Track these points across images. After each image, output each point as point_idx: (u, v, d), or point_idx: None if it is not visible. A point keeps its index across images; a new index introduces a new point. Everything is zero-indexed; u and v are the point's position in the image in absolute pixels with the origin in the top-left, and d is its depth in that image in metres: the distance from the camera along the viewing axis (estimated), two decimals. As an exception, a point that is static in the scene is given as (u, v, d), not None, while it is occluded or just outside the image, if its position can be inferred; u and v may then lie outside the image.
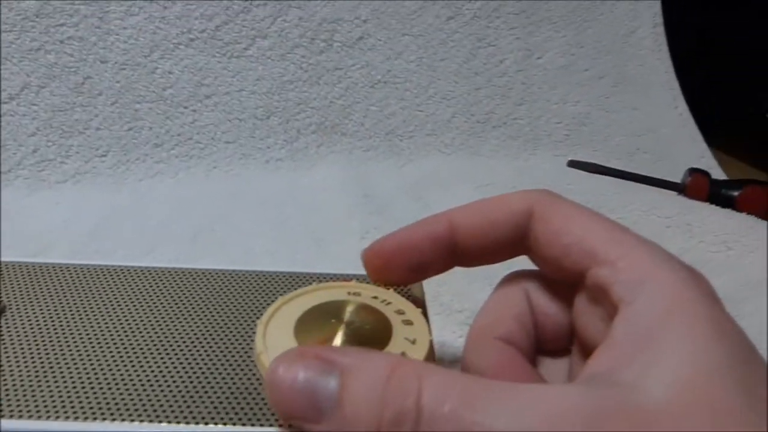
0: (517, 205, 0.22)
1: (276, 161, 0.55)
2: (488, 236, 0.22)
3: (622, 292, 0.18)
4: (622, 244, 0.19)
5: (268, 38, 0.55)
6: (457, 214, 0.22)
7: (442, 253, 0.23)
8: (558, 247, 0.20)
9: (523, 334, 0.22)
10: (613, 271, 0.18)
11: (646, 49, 0.65)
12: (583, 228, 0.20)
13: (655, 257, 0.18)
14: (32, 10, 0.49)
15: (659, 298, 0.17)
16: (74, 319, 0.25)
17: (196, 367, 0.22)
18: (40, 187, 0.48)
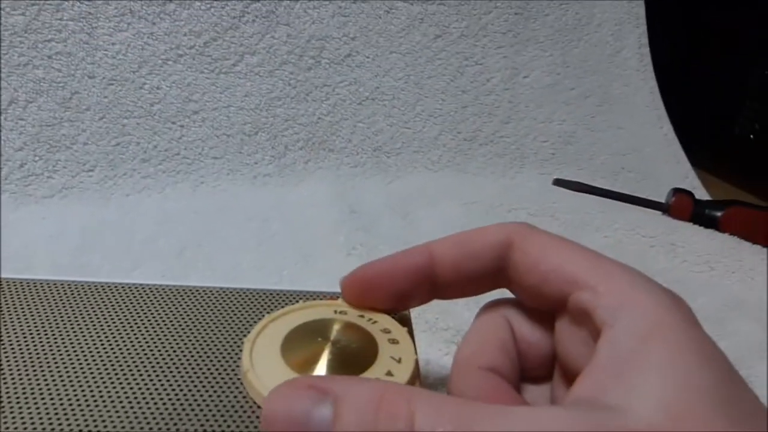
0: (494, 237, 0.22)
1: (263, 177, 0.55)
2: (467, 268, 0.22)
3: (604, 315, 0.18)
4: (600, 270, 0.19)
5: (257, 55, 0.55)
6: (437, 246, 0.23)
7: (422, 284, 0.23)
8: (537, 274, 0.21)
9: (508, 363, 0.22)
10: (594, 295, 0.19)
11: (631, 69, 0.66)
12: (560, 256, 0.20)
13: (634, 281, 0.19)
14: (20, 25, 0.49)
15: (641, 322, 0.17)
16: (62, 336, 0.24)
17: (183, 386, 0.22)
18: (27, 201, 0.48)
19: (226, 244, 0.45)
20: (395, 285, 0.23)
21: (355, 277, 0.24)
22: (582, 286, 0.19)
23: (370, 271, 0.24)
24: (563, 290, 0.20)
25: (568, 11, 0.65)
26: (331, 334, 0.23)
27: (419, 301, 0.24)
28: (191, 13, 0.53)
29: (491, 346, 0.22)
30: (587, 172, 0.63)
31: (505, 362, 0.22)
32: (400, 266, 0.23)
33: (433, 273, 0.23)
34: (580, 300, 0.19)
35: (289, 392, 0.18)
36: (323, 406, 0.17)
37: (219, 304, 0.27)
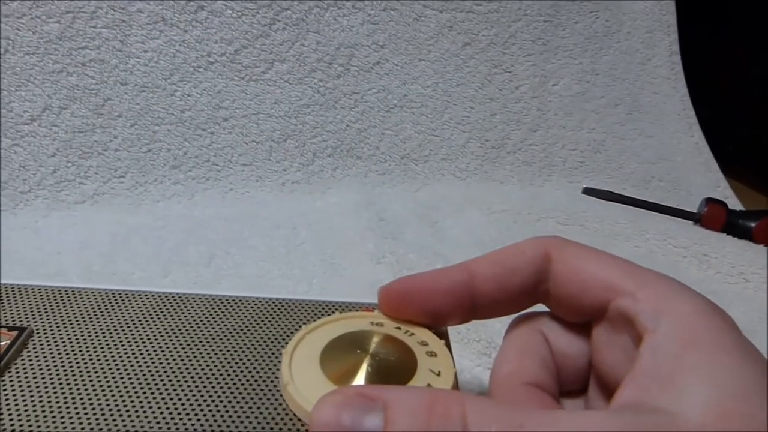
0: (532, 251, 0.22)
1: (292, 184, 0.55)
2: (509, 283, 0.22)
3: (645, 321, 0.18)
4: (638, 277, 0.20)
5: (286, 62, 0.55)
6: (476, 265, 0.23)
7: (461, 302, 0.23)
8: (576, 283, 0.21)
9: (549, 378, 0.22)
10: (634, 301, 0.19)
11: (661, 77, 0.66)
12: (598, 264, 0.21)
13: (673, 288, 0.19)
14: (55, 33, 0.49)
15: (682, 326, 0.17)
16: (99, 344, 0.25)
17: (222, 397, 0.22)
18: (59, 207, 0.48)
19: (256, 251, 0.45)
20: (433, 301, 0.23)
21: (393, 290, 0.24)
22: (622, 293, 0.19)
23: (409, 285, 0.24)
24: (603, 297, 0.20)
25: (597, 19, 0.64)
26: (369, 347, 0.23)
27: (457, 320, 0.24)
28: (222, 21, 0.53)
29: (532, 361, 0.22)
30: (617, 180, 0.62)
31: (547, 377, 0.22)
32: (439, 283, 0.23)
33: (473, 292, 0.23)
34: (621, 306, 0.19)
35: (338, 401, 0.18)
36: (373, 413, 0.17)
37: (252, 314, 0.27)
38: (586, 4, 0.64)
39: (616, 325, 0.20)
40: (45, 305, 0.27)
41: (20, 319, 0.26)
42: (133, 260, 0.43)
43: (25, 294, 0.28)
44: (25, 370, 0.23)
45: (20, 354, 0.24)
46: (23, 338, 0.25)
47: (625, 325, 0.19)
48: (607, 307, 0.20)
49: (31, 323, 0.26)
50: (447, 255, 0.46)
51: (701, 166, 0.64)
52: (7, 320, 0.26)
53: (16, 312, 0.27)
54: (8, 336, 0.25)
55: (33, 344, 0.25)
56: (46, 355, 0.24)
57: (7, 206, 0.47)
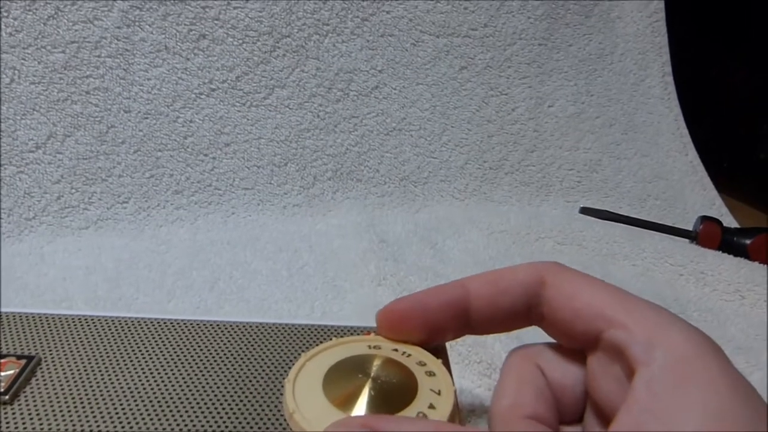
0: (526, 275, 0.23)
1: (293, 207, 0.56)
2: (500, 304, 0.23)
3: (638, 353, 0.19)
4: (631, 308, 0.20)
5: (287, 88, 0.56)
6: (471, 282, 0.23)
7: (456, 318, 0.23)
8: (570, 311, 0.22)
9: (548, 410, 0.22)
10: (627, 333, 0.19)
11: (655, 98, 0.67)
12: (591, 293, 0.21)
13: (665, 320, 0.19)
14: (60, 62, 0.50)
15: (675, 359, 0.18)
16: (107, 372, 0.25)
17: (229, 424, 0.22)
18: (63, 233, 0.49)
19: (258, 275, 0.46)
20: (430, 318, 0.24)
21: (390, 311, 0.25)
22: (614, 324, 0.20)
23: (405, 305, 0.24)
24: (595, 327, 0.21)
25: (591, 41, 0.65)
26: (371, 370, 0.24)
27: (453, 335, 0.25)
28: (224, 48, 0.54)
29: (529, 394, 0.22)
30: (613, 199, 0.63)
31: (545, 409, 0.22)
32: (435, 300, 0.24)
33: (468, 308, 0.23)
34: (614, 337, 0.20)
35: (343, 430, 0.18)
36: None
37: (254, 340, 0.28)
38: (579, 27, 0.65)
39: (608, 354, 0.20)
40: (52, 333, 0.28)
41: (28, 347, 0.27)
42: (138, 285, 0.43)
43: (33, 322, 0.28)
44: (34, 398, 0.24)
45: (29, 382, 0.25)
46: (32, 366, 0.25)
47: (617, 355, 0.20)
48: (600, 337, 0.20)
49: (39, 351, 0.26)
50: (448, 276, 0.46)
51: (696, 184, 0.65)
52: (15, 348, 0.26)
53: (24, 340, 0.27)
54: (17, 364, 0.25)
55: (41, 372, 0.25)
56: (54, 383, 0.24)
57: (12, 233, 0.48)
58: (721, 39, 0.75)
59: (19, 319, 0.29)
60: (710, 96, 0.75)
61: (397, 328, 0.25)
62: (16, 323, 0.28)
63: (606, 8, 0.65)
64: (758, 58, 0.72)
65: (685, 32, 0.69)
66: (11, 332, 0.28)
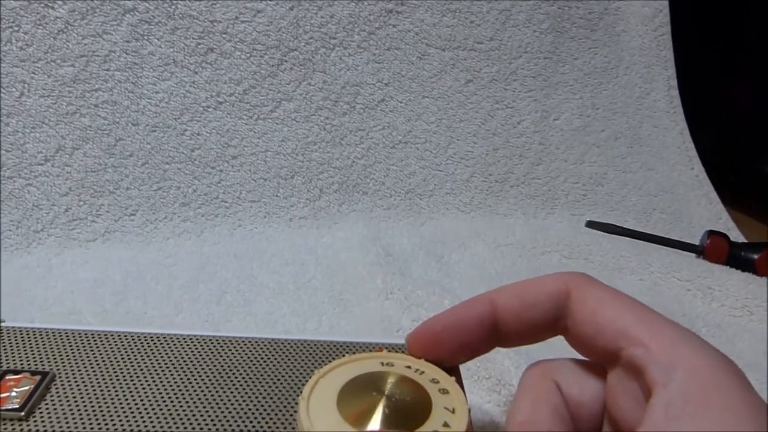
0: (553, 287, 0.23)
1: (299, 219, 0.56)
2: (528, 317, 0.23)
3: (656, 374, 0.19)
4: (652, 327, 0.20)
5: (293, 101, 0.56)
6: (498, 296, 0.23)
7: (487, 333, 0.23)
8: (592, 326, 0.21)
9: (564, 427, 0.22)
10: (646, 352, 0.19)
11: (660, 111, 0.67)
12: (615, 309, 0.21)
13: (686, 340, 0.19)
14: (69, 76, 0.51)
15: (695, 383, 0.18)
16: (121, 388, 0.25)
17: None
18: (71, 245, 0.49)
19: (265, 288, 0.46)
20: (462, 337, 0.24)
21: (422, 333, 0.25)
22: (635, 342, 0.20)
23: (437, 326, 0.24)
24: (616, 343, 0.20)
25: (596, 55, 0.66)
26: (384, 388, 0.24)
27: (484, 350, 0.24)
28: (232, 62, 0.54)
29: (546, 412, 0.22)
30: (619, 213, 0.63)
31: (561, 426, 0.22)
32: (465, 318, 0.24)
33: (497, 322, 0.23)
34: (633, 356, 0.20)
35: None
36: None
37: (264, 356, 0.28)
38: (585, 41, 0.65)
39: (627, 372, 0.20)
40: (65, 348, 0.28)
41: (42, 362, 0.27)
42: (145, 298, 0.43)
43: (44, 337, 0.28)
44: (49, 414, 0.24)
45: (44, 398, 0.25)
46: (46, 382, 0.25)
47: (636, 374, 0.20)
48: (620, 354, 0.20)
49: (53, 367, 0.26)
50: (454, 290, 0.47)
51: (702, 197, 0.65)
52: (29, 364, 0.26)
53: (36, 355, 0.27)
54: (32, 380, 0.25)
55: (56, 388, 0.25)
56: (69, 399, 0.24)
57: (20, 245, 0.48)
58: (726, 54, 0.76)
59: (31, 334, 0.29)
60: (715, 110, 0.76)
61: (430, 349, 0.25)
62: (27, 338, 0.28)
63: (611, 22, 0.65)
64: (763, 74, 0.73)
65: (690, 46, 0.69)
66: (23, 347, 0.28)
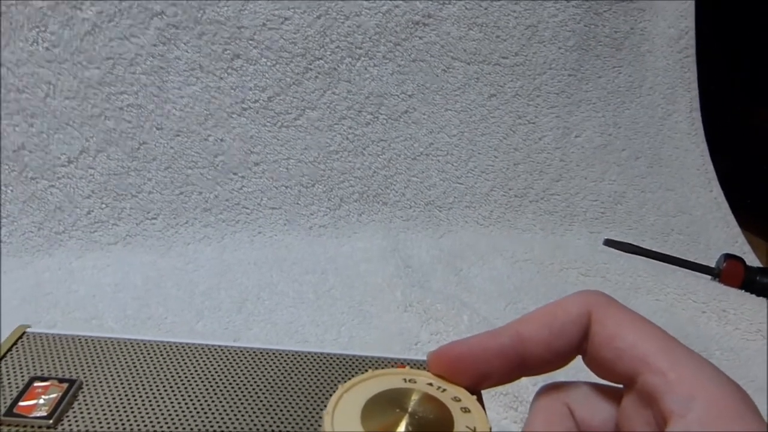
0: (577, 311, 0.23)
1: (319, 228, 0.56)
2: (555, 346, 0.23)
3: (673, 404, 0.19)
4: (672, 356, 0.20)
5: (317, 110, 0.57)
6: (524, 328, 0.23)
7: (509, 365, 0.23)
8: (611, 350, 0.21)
9: None
10: (664, 381, 0.19)
11: (681, 132, 0.67)
12: (635, 334, 0.21)
13: (704, 371, 0.19)
14: (95, 78, 0.51)
15: (712, 415, 0.18)
16: (146, 396, 0.25)
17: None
18: (93, 248, 0.49)
19: (286, 297, 0.46)
20: (482, 367, 0.24)
21: (442, 356, 0.25)
22: (653, 370, 0.20)
23: (459, 350, 0.24)
24: (634, 369, 0.20)
25: (620, 74, 0.66)
26: (408, 405, 0.24)
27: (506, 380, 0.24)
28: (257, 68, 0.55)
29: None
30: (636, 232, 0.63)
31: None
32: (489, 349, 0.23)
33: (522, 355, 0.23)
34: (649, 383, 0.20)
35: None
36: None
37: (287, 368, 0.28)
38: (609, 60, 0.65)
39: (643, 398, 0.20)
40: (90, 356, 0.28)
41: (69, 370, 0.27)
42: (166, 305, 0.43)
43: (69, 343, 0.28)
44: (77, 422, 0.24)
45: (71, 406, 0.25)
46: (74, 390, 0.25)
47: (652, 401, 0.20)
48: (637, 380, 0.21)
49: (80, 374, 0.26)
50: (473, 305, 0.47)
51: (720, 220, 0.65)
52: (55, 371, 0.27)
53: (63, 363, 0.27)
54: (59, 388, 0.25)
55: (83, 396, 0.25)
56: (96, 408, 0.25)
57: (42, 246, 0.48)
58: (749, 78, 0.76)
59: (57, 341, 0.29)
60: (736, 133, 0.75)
61: (450, 374, 0.25)
62: (53, 345, 0.28)
63: (637, 42, 0.65)
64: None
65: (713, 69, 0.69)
66: (49, 354, 0.28)
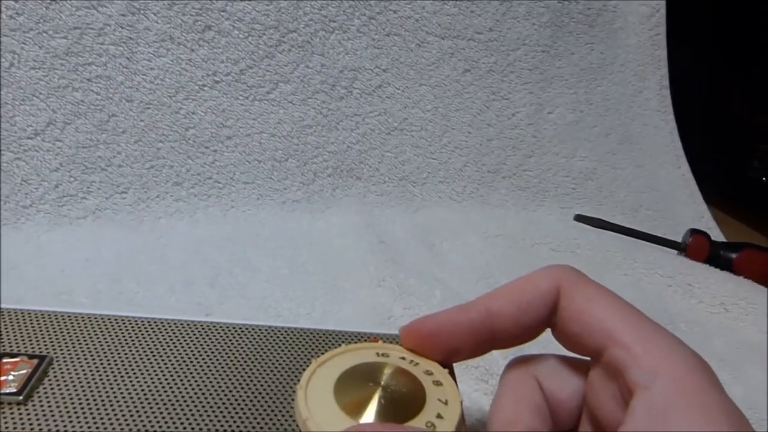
0: (546, 286, 0.23)
1: (292, 203, 0.56)
2: (524, 320, 0.23)
3: (638, 377, 0.19)
4: (638, 330, 0.21)
5: (291, 83, 0.56)
6: (493, 303, 0.24)
7: (479, 339, 0.24)
8: (579, 324, 0.22)
9: (544, 425, 0.23)
10: (630, 355, 0.20)
11: (651, 110, 0.68)
12: (603, 309, 0.22)
13: (669, 346, 0.20)
14: (62, 48, 0.49)
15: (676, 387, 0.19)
16: (119, 372, 0.25)
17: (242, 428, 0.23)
18: (61, 222, 0.48)
19: (259, 272, 0.46)
20: (452, 341, 0.24)
21: (414, 329, 0.25)
22: (619, 343, 0.20)
23: (430, 326, 0.25)
24: (601, 343, 0.21)
25: (593, 51, 0.66)
26: (381, 379, 0.24)
27: (476, 353, 0.25)
28: (229, 41, 0.54)
29: (527, 410, 0.23)
30: (607, 208, 0.64)
31: (542, 424, 0.23)
32: (459, 323, 0.24)
33: (492, 329, 0.24)
34: (616, 357, 0.20)
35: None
36: None
37: (260, 343, 0.28)
38: (582, 36, 0.65)
39: (609, 371, 0.21)
40: (62, 331, 0.28)
41: (38, 346, 0.26)
42: (138, 279, 0.43)
43: (38, 319, 0.28)
44: (48, 398, 0.24)
45: (42, 382, 0.24)
46: (44, 366, 0.25)
47: (617, 374, 0.20)
48: (604, 353, 0.21)
49: (50, 351, 0.26)
50: (446, 280, 0.47)
51: (687, 196, 0.66)
52: (25, 347, 0.26)
53: (33, 339, 0.27)
54: (29, 364, 0.25)
55: (53, 372, 0.25)
56: (67, 383, 0.24)
57: (8, 220, 0.47)
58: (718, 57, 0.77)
59: (26, 316, 0.28)
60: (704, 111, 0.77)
61: (422, 348, 0.25)
62: (22, 320, 0.28)
63: (609, 19, 0.66)
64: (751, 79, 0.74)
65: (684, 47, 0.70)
66: (18, 330, 0.27)
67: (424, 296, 0.43)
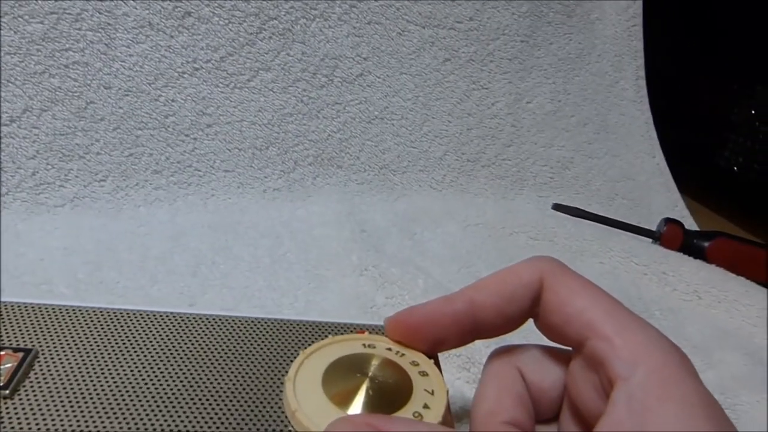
0: (528, 277, 0.24)
1: (273, 191, 0.56)
2: (507, 312, 0.24)
3: (618, 368, 0.20)
4: (618, 322, 0.21)
5: (271, 71, 0.56)
6: (477, 294, 0.24)
7: (463, 330, 0.24)
8: (561, 315, 0.23)
9: (526, 414, 0.23)
10: (610, 346, 0.21)
11: (627, 100, 0.69)
12: (585, 301, 0.22)
13: (649, 337, 0.21)
14: (38, 33, 0.48)
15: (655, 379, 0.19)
16: (105, 365, 0.25)
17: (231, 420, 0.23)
18: (39, 210, 0.48)
19: (241, 262, 0.46)
20: (437, 332, 0.25)
21: (400, 321, 0.26)
22: (600, 335, 0.21)
23: (415, 317, 0.25)
24: (582, 334, 0.22)
25: (571, 41, 0.67)
26: (368, 370, 0.25)
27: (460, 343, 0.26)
28: (209, 27, 0.53)
29: (509, 400, 0.23)
30: (583, 197, 0.65)
31: (523, 414, 0.23)
32: (444, 315, 0.24)
33: (475, 320, 0.24)
34: (596, 348, 0.21)
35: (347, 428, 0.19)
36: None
37: (246, 334, 0.28)
38: (561, 27, 0.66)
39: (590, 362, 0.22)
40: (45, 324, 0.27)
41: (23, 339, 0.26)
42: (119, 269, 0.43)
43: (21, 311, 0.28)
44: (34, 392, 0.24)
45: (27, 376, 0.24)
46: (29, 360, 0.25)
47: (598, 365, 0.21)
48: (585, 344, 0.22)
49: (35, 344, 0.26)
50: (427, 269, 0.48)
51: (662, 186, 0.68)
52: (10, 341, 0.26)
53: (18, 332, 0.27)
54: (14, 357, 0.25)
55: (39, 365, 0.25)
56: (53, 377, 0.24)
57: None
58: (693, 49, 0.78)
59: (8, 309, 0.28)
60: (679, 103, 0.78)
61: (407, 339, 0.26)
62: (4, 314, 0.28)
63: (587, 9, 0.66)
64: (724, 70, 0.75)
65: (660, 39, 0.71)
66: (1, 323, 0.27)
67: (407, 285, 0.43)
